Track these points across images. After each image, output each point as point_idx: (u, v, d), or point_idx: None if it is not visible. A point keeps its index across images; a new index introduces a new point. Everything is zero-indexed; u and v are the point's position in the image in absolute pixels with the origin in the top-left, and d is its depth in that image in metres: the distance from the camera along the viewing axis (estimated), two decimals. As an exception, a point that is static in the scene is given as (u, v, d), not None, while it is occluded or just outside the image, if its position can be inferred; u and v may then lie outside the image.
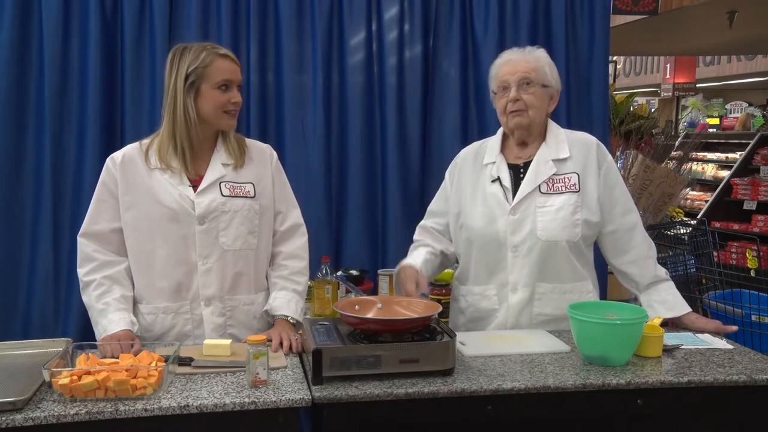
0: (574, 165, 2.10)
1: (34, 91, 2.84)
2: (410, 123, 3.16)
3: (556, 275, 2.09)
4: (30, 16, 2.81)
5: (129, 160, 2.01)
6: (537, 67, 2.09)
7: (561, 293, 2.10)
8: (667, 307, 2.10)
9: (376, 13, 3.11)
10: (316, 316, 2.38)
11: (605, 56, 3.27)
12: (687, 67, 12.34)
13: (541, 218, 2.07)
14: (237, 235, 2.02)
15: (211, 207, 1.99)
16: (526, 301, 2.11)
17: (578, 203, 2.07)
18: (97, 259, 1.99)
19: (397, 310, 1.86)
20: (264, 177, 2.09)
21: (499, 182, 2.13)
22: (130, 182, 1.99)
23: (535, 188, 2.09)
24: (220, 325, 2.04)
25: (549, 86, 2.11)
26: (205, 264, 2.00)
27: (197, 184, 2.01)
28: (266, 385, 1.61)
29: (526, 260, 2.09)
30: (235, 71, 2.01)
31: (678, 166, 4.75)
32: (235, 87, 2.01)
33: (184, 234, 1.99)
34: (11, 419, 1.43)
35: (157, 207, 1.97)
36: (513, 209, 2.09)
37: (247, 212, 2.03)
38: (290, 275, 2.10)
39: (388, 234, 3.18)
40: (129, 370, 1.54)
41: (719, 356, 1.87)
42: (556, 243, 2.07)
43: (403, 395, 1.59)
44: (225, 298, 2.04)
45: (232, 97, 1.99)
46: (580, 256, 2.11)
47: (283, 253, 2.13)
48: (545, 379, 1.68)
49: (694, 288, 3.43)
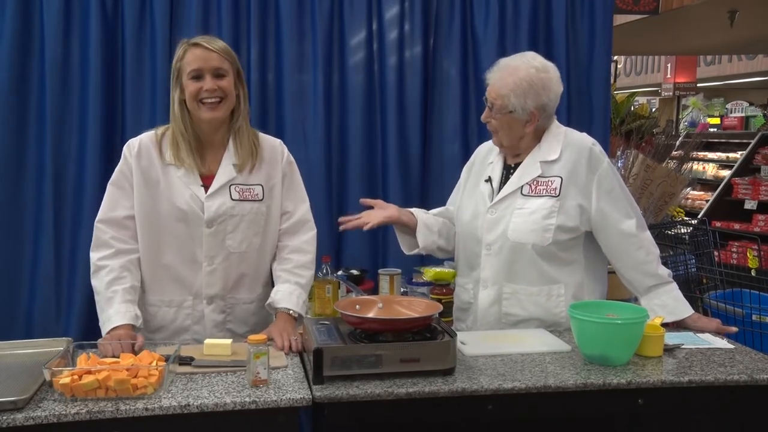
0: (560, 169, 2.08)
1: (35, 90, 2.85)
2: (410, 122, 3.16)
3: (523, 277, 2.10)
4: (31, 15, 2.82)
5: (144, 149, 2.01)
6: (501, 95, 2.03)
7: (527, 295, 2.10)
8: (668, 310, 2.07)
9: (376, 12, 3.11)
10: (317, 315, 2.38)
11: (607, 56, 3.27)
12: (688, 66, 12.35)
13: (515, 219, 2.08)
14: (243, 238, 2.03)
15: (220, 211, 1.99)
16: (494, 299, 2.13)
17: (554, 208, 2.06)
18: (114, 246, 1.98)
19: (398, 310, 1.86)
20: (274, 176, 2.09)
21: (490, 182, 2.16)
22: (144, 174, 2.00)
23: (517, 189, 2.10)
24: (220, 321, 2.06)
25: (514, 112, 2.03)
26: (211, 265, 2.02)
27: (209, 183, 2.00)
28: (267, 384, 1.61)
29: (496, 259, 2.12)
30: (206, 58, 1.94)
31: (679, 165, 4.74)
32: (208, 74, 1.94)
33: (192, 234, 2.00)
34: (12, 418, 1.43)
35: (167, 205, 1.98)
36: (492, 208, 2.13)
37: (254, 216, 2.04)
38: (294, 268, 2.09)
39: (388, 234, 3.17)
40: (130, 369, 1.54)
41: (720, 356, 1.87)
42: (523, 245, 2.07)
43: (404, 395, 1.59)
44: (227, 296, 2.05)
45: (203, 85, 1.93)
46: (552, 259, 2.08)
47: (289, 247, 2.12)
48: (546, 378, 1.68)
49: (694, 288, 3.42)
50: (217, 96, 1.95)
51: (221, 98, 1.95)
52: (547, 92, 2.05)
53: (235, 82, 2.00)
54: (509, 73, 2.05)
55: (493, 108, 2.07)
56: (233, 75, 1.99)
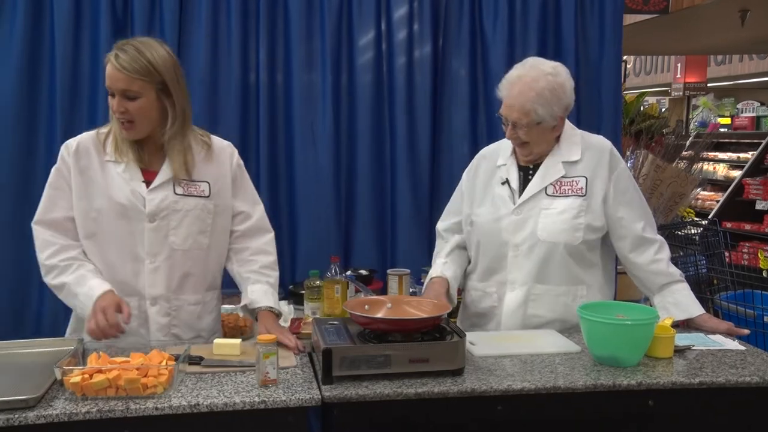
0: (584, 168, 2.10)
1: (45, 90, 2.87)
2: (419, 122, 3.16)
3: (553, 277, 2.10)
4: (42, 16, 2.84)
5: (83, 149, 1.95)
6: (527, 111, 2.01)
7: (555, 296, 2.10)
8: (681, 308, 2.09)
9: (385, 12, 3.11)
10: (326, 315, 2.38)
11: (617, 56, 3.25)
12: (698, 66, 12.27)
13: (543, 219, 2.08)
14: (187, 234, 1.97)
15: (162, 205, 1.93)
16: (521, 300, 2.12)
17: (582, 207, 2.07)
18: (57, 243, 1.94)
19: (407, 310, 1.86)
20: (222, 176, 2.03)
21: (508, 184, 2.14)
22: (83, 172, 1.93)
23: (542, 190, 2.10)
24: (165, 325, 1.99)
25: (543, 122, 2.04)
26: (153, 262, 1.95)
27: (151, 179, 1.94)
28: (276, 384, 1.61)
29: (526, 260, 2.10)
30: (114, 78, 1.83)
31: (689, 165, 4.73)
32: (117, 94, 1.84)
33: (132, 230, 1.93)
34: (24, 417, 1.44)
35: (106, 201, 1.92)
36: (517, 209, 2.11)
37: (199, 212, 1.97)
38: (261, 269, 2.05)
39: (397, 233, 3.18)
40: (140, 368, 1.55)
41: (731, 357, 1.86)
42: (555, 245, 2.07)
43: (413, 395, 1.59)
44: (171, 297, 1.99)
45: (113, 105, 1.86)
46: (580, 260, 2.10)
47: (251, 249, 2.07)
48: (555, 379, 1.67)
49: (705, 289, 3.41)
50: (125, 118, 1.87)
51: (131, 121, 1.87)
52: (566, 93, 2.06)
53: (158, 97, 1.88)
54: (527, 86, 2.02)
55: (517, 126, 2.05)
56: (153, 92, 1.87)
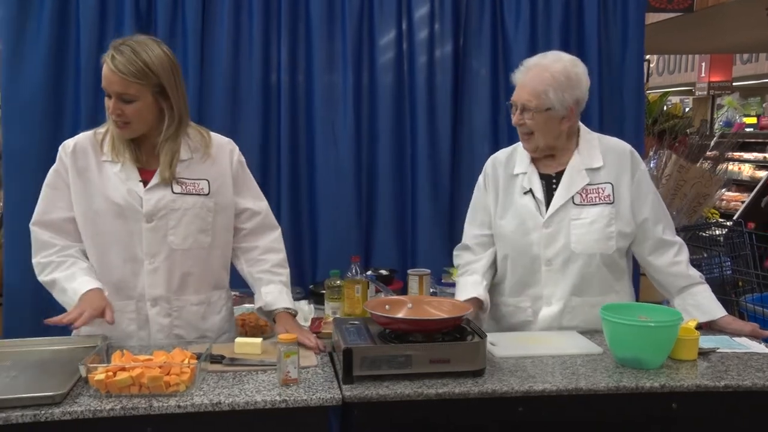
0: (608, 174, 2.07)
1: (71, 88, 2.91)
2: (440, 122, 3.15)
3: (589, 288, 2.08)
4: (68, 15, 2.88)
5: (80, 149, 1.94)
6: (538, 92, 1.99)
7: (591, 306, 2.05)
8: (702, 311, 2.06)
9: (406, 12, 3.11)
10: (346, 315, 2.38)
11: (640, 55, 3.22)
12: (723, 65, 12.09)
13: (575, 231, 2.05)
14: (187, 233, 1.94)
15: (159, 205, 1.90)
16: (557, 314, 2.09)
17: (612, 215, 2.05)
18: (56, 244, 1.92)
19: (428, 310, 1.85)
20: (222, 174, 1.99)
21: (532, 194, 2.10)
22: (80, 173, 1.92)
23: (569, 200, 2.06)
24: (166, 326, 1.96)
25: (552, 109, 2.00)
26: (152, 263, 1.93)
27: (149, 179, 1.92)
28: (297, 383, 1.62)
29: (561, 274, 2.07)
30: (110, 80, 1.82)
31: (713, 166, 4.66)
32: (115, 97, 1.82)
33: (131, 231, 1.91)
34: (50, 413, 1.46)
35: (103, 201, 1.90)
36: (547, 222, 2.07)
37: (199, 210, 1.94)
38: (272, 268, 2.04)
39: (417, 234, 3.18)
40: (162, 367, 1.56)
41: (758, 360, 1.83)
42: (592, 256, 2.05)
43: (434, 395, 1.59)
44: (172, 298, 1.96)
45: (109, 106, 1.85)
46: (614, 268, 2.09)
47: (259, 248, 2.06)
48: (577, 381, 1.66)
49: (730, 291, 3.36)
50: (121, 120, 1.86)
51: (126, 122, 1.86)
52: (580, 85, 2.04)
53: (155, 99, 1.86)
54: (544, 68, 2.01)
55: (526, 109, 2.02)
56: (149, 94, 1.85)
